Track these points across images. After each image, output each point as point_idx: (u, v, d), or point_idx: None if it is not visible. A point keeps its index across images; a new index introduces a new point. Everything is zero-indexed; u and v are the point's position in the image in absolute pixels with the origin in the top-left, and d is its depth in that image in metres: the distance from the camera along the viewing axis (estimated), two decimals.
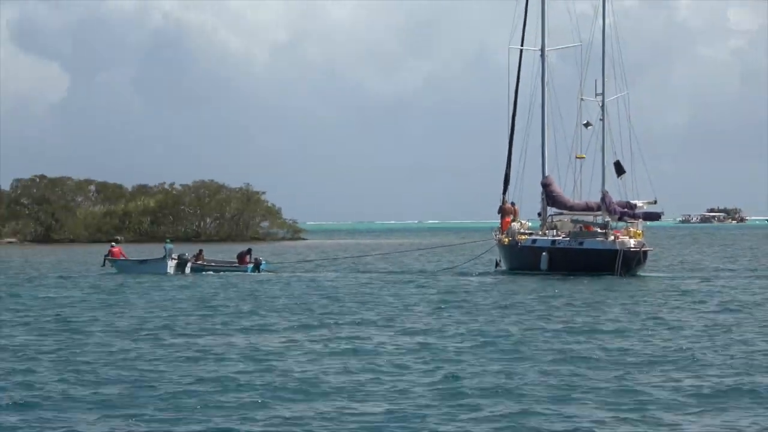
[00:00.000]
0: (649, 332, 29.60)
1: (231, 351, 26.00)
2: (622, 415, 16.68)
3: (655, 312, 35.44)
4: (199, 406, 18.50)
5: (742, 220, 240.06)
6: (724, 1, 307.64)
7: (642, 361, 23.58)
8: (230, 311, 37.54)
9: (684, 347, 25.74)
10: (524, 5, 61.63)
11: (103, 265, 63.83)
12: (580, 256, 55.23)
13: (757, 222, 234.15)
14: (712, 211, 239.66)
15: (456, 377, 20.83)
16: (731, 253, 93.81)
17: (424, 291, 48.87)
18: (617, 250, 53.63)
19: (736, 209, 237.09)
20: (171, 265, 60.75)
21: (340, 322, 33.56)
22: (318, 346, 27.13)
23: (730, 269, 64.77)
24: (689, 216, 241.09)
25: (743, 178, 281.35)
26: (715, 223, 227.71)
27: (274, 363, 24.53)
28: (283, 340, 29.48)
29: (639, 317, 33.44)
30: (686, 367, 22.44)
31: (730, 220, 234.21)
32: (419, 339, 28.77)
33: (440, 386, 19.85)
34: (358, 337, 29.24)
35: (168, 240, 73.02)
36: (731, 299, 41.77)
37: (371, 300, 43.99)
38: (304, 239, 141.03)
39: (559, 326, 31.22)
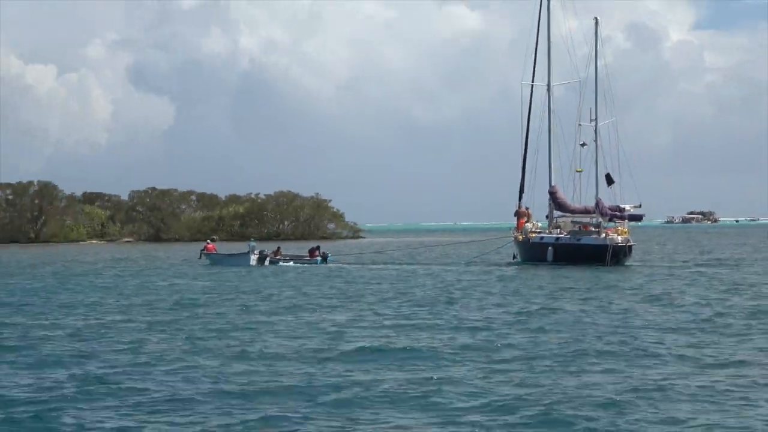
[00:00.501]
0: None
1: (337, 321, 26.61)
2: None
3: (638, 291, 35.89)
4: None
5: (715, 220, 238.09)
6: (700, 46, 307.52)
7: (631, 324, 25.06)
8: (318, 294, 37.20)
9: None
10: (534, 49, 61.22)
11: (200, 258, 64.00)
12: (578, 250, 55.29)
13: (727, 222, 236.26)
14: (691, 213, 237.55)
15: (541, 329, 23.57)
16: (703, 246, 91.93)
17: (472, 277, 48.48)
18: (607, 245, 53.91)
19: (710, 212, 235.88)
20: (253, 258, 60.69)
21: (408, 298, 34.17)
22: (422, 316, 27.68)
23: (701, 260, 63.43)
24: (672, 217, 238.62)
25: (716, 187, 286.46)
26: (694, 224, 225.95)
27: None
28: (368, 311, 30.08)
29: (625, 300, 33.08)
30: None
31: (705, 221, 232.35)
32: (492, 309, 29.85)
33: (531, 335, 22.35)
34: (439, 310, 29.82)
35: (252, 239, 75.15)
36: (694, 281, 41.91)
37: (418, 284, 43.55)
38: (362, 237, 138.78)
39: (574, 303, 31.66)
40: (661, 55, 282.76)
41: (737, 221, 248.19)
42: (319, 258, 62.06)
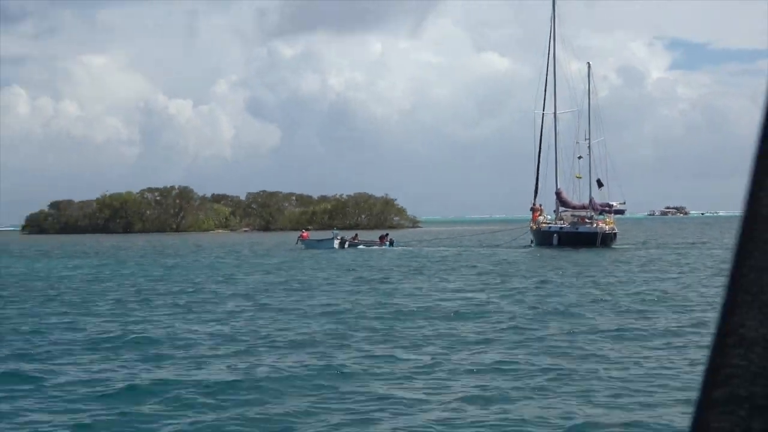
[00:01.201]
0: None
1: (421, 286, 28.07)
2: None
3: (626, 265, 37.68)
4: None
5: (686, 213, 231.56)
6: (674, 81, 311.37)
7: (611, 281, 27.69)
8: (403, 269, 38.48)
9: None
10: (544, 86, 61.34)
11: (297, 243, 63.92)
12: (576, 236, 55.33)
13: (695, 214, 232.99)
14: (667, 208, 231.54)
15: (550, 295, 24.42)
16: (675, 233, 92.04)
17: (505, 254, 50.40)
18: (597, 233, 54.41)
19: (682, 207, 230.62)
20: (336, 243, 60.64)
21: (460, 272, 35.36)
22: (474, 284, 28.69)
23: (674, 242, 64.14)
24: (653, 211, 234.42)
25: (687, 188, 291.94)
26: (669, 216, 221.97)
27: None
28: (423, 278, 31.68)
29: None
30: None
31: (678, 214, 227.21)
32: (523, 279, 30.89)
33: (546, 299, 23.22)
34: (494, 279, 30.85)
35: (335, 228, 73.94)
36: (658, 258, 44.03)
37: (475, 260, 44.58)
38: (420, 227, 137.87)
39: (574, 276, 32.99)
40: (645, 89, 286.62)
41: (702, 214, 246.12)
42: (387, 243, 62.36)
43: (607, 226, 55.46)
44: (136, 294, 27.50)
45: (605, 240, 54.33)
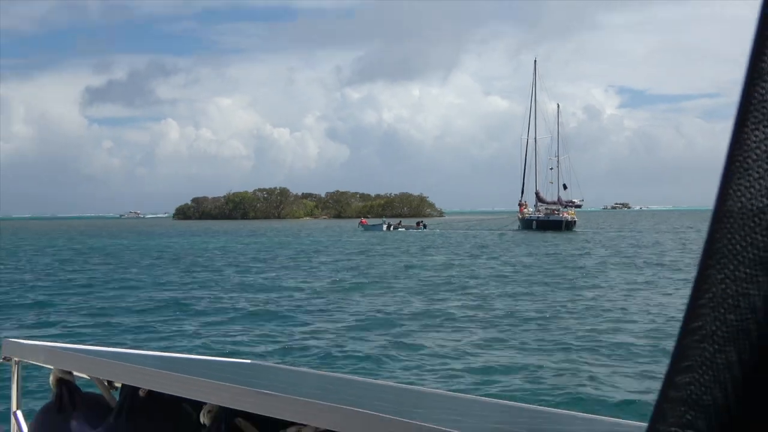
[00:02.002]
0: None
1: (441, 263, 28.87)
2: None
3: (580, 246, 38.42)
4: None
5: (629, 208, 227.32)
6: (622, 117, 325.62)
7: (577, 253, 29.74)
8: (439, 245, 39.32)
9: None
10: (528, 120, 63.97)
11: (358, 227, 65.75)
12: (548, 222, 56.78)
13: (635, 209, 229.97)
14: (616, 204, 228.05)
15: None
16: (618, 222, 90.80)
17: (495, 234, 52.64)
18: (563, 220, 56.16)
19: (626, 203, 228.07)
20: (385, 227, 62.16)
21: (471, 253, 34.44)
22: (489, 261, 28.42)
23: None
24: (608, 206, 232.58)
25: (630, 190, 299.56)
26: (618, 209, 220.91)
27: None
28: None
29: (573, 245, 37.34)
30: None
31: (624, 208, 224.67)
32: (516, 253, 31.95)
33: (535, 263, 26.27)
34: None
35: (384, 219, 74.59)
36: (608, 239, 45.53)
37: (468, 238, 46.71)
38: (444, 216, 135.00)
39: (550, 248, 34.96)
40: (601, 122, 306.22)
41: (640, 208, 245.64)
42: (422, 227, 65.46)
43: (569, 216, 57.52)
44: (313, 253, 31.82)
45: (568, 225, 56.52)
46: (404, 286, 17.69)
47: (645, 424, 0.37)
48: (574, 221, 58.00)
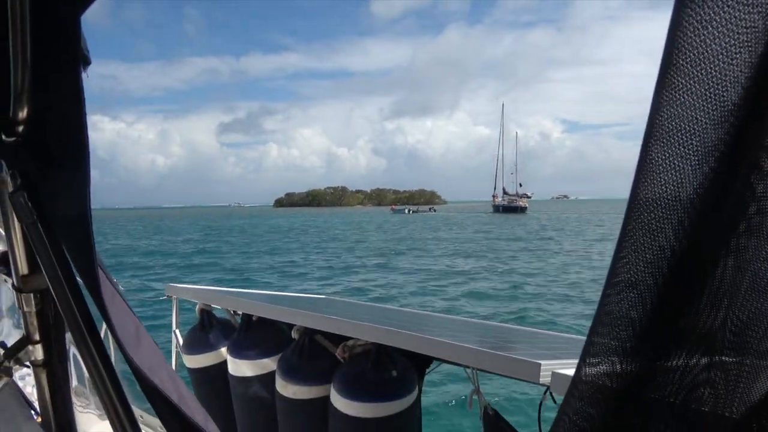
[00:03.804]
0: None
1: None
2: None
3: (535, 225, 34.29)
4: None
5: (567, 198, 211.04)
6: (563, 138, 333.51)
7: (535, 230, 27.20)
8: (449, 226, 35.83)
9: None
10: (499, 141, 63.20)
11: (390, 210, 68.87)
12: (510, 208, 58.19)
13: (572, 198, 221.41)
14: (559, 195, 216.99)
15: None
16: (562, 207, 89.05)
17: (475, 216, 52.20)
18: (519, 206, 57.56)
19: (566, 195, 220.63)
20: (407, 211, 65.55)
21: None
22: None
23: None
24: (553, 196, 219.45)
25: (569, 185, 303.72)
26: (559, 200, 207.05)
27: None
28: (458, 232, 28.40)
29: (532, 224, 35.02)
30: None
31: (565, 198, 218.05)
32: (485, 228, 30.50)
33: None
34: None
35: (406, 206, 79.76)
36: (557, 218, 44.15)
37: (456, 220, 44.82)
38: (446, 204, 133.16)
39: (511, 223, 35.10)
40: (550, 142, 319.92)
41: (576, 198, 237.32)
42: (432, 211, 68.49)
43: (523, 204, 59.58)
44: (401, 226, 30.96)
45: (522, 210, 58.27)
46: (414, 244, 18.15)
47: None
48: (526, 207, 60.42)
